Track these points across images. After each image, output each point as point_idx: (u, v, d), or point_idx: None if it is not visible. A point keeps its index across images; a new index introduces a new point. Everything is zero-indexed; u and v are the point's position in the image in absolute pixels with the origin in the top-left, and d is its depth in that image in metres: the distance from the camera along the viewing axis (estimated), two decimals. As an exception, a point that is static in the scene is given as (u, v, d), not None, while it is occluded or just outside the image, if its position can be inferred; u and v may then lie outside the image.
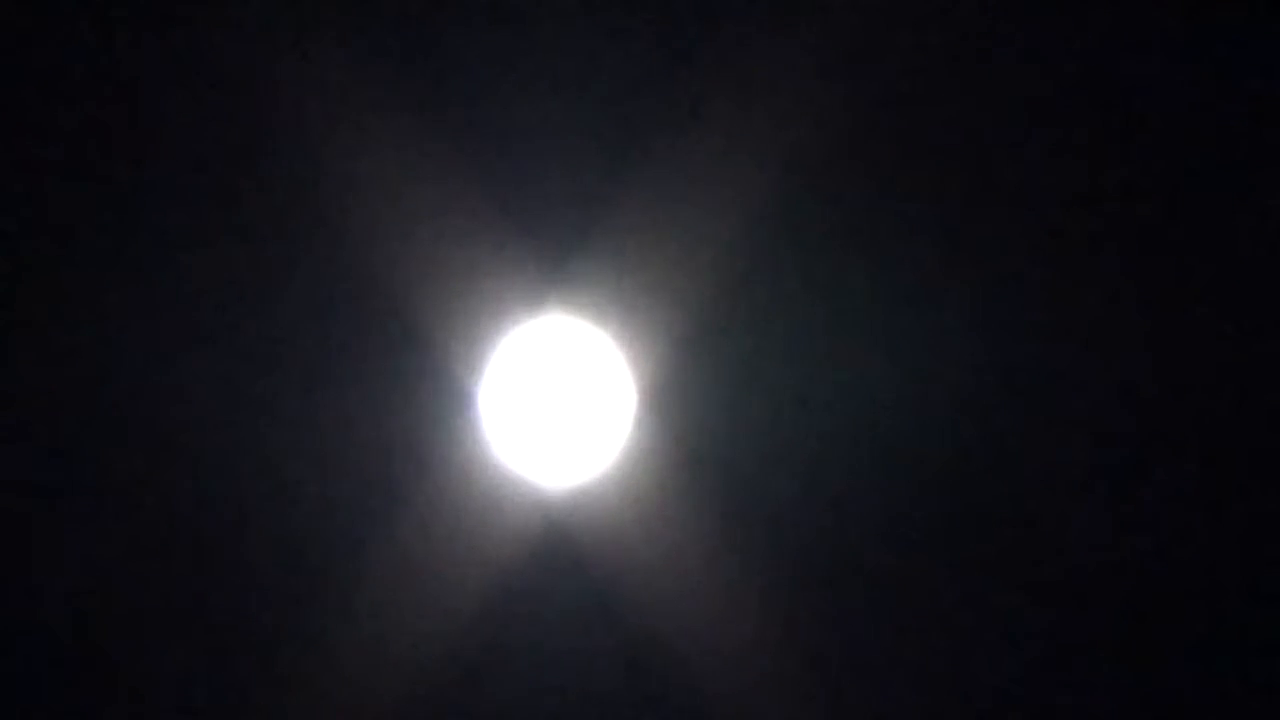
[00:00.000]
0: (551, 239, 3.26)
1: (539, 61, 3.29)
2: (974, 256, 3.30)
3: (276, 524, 3.27)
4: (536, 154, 3.29)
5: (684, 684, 3.27)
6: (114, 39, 3.28)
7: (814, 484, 3.28)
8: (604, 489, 3.27)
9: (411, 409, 3.27)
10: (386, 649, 3.26)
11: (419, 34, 3.28)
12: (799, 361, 3.29)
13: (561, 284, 3.26)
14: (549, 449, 3.25)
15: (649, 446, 3.27)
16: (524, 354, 3.25)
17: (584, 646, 3.28)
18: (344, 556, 3.27)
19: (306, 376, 3.28)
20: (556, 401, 3.24)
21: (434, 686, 3.28)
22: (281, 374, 3.28)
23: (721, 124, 3.26)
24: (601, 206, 3.27)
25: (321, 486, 3.27)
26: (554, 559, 3.27)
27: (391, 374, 3.27)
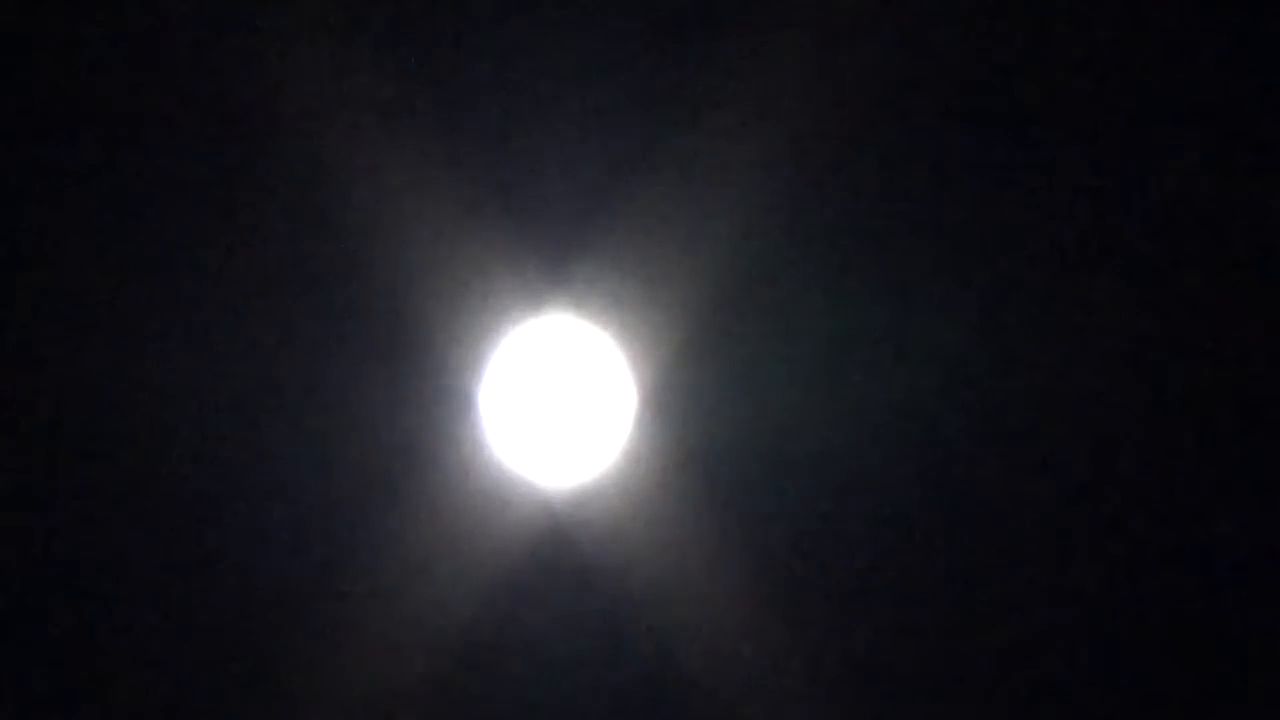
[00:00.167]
0: (551, 239, 3.26)
1: (539, 61, 3.29)
2: (977, 260, 3.30)
3: (276, 524, 3.27)
4: (537, 154, 3.28)
5: (684, 684, 3.27)
6: (114, 39, 3.28)
7: (814, 484, 3.28)
8: (604, 489, 3.27)
9: (412, 409, 3.27)
10: (387, 649, 3.26)
11: (419, 34, 3.28)
12: (799, 362, 3.28)
13: (561, 284, 3.26)
14: (550, 449, 3.25)
15: (649, 447, 3.27)
16: (524, 354, 3.25)
17: (584, 646, 3.28)
18: (344, 556, 3.27)
19: (307, 377, 3.27)
20: (557, 402, 3.24)
21: (434, 686, 3.28)
22: (282, 374, 3.27)
23: (723, 125, 3.25)
24: (602, 207, 3.26)
25: (322, 486, 3.27)
26: (554, 559, 3.27)
27: (392, 374, 3.27)
